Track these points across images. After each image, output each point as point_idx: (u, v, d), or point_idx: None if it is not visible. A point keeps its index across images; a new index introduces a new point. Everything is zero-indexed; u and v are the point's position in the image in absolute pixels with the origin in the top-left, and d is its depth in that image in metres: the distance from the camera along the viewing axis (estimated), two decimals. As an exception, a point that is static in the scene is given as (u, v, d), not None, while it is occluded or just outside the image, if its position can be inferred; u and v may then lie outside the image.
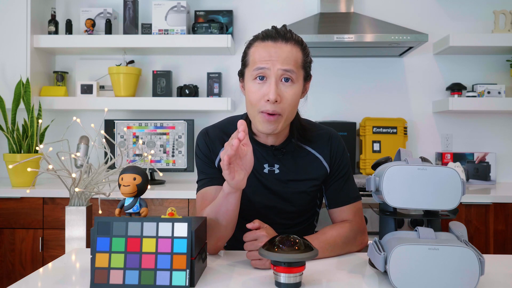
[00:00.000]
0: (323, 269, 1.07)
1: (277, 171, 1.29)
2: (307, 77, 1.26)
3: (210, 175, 1.29)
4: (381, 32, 2.45)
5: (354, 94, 2.88)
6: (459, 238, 0.97)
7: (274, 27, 1.22)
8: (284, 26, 1.24)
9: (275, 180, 1.28)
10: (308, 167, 1.30)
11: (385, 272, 0.91)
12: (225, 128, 1.34)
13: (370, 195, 2.16)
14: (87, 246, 1.23)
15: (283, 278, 0.91)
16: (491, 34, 2.59)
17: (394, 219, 1.11)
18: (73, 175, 1.20)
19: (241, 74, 1.27)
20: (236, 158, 1.03)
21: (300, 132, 1.30)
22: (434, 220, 1.08)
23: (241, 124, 1.00)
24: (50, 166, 1.23)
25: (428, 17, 2.85)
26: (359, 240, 1.27)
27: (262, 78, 1.18)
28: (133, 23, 2.77)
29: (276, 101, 1.15)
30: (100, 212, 1.32)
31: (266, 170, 1.29)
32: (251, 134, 1.29)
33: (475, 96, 2.64)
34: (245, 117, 1.31)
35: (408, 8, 2.85)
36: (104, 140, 1.31)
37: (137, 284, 0.89)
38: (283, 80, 1.17)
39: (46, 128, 2.59)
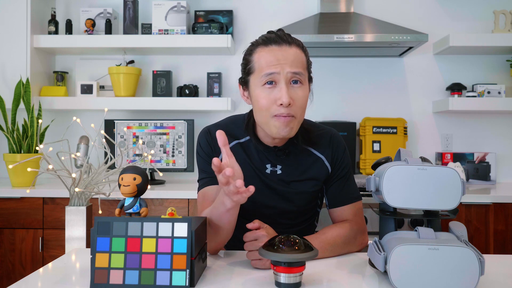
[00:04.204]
0: (323, 269, 1.07)
1: (279, 171, 1.29)
2: (310, 79, 1.26)
3: (211, 174, 1.29)
4: (381, 32, 2.45)
5: (354, 94, 2.88)
6: (459, 238, 0.97)
7: (272, 32, 1.21)
8: (281, 30, 1.23)
9: (277, 180, 1.28)
10: (311, 167, 1.30)
11: (385, 272, 0.91)
12: (227, 127, 1.34)
13: (370, 195, 2.16)
14: (87, 246, 1.23)
15: (283, 278, 0.91)
16: (491, 34, 2.58)
17: (394, 219, 1.11)
18: (73, 175, 1.20)
19: (244, 82, 1.24)
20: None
21: (302, 134, 1.30)
22: (434, 220, 1.08)
23: (220, 134, 0.99)
24: (50, 166, 1.23)
25: (428, 17, 2.85)
26: (359, 240, 1.27)
27: (271, 82, 1.17)
28: (133, 23, 2.77)
29: (289, 104, 1.15)
30: (100, 212, 1.32)
31: (268, 171, 1.29)
32: (254, 136, 1.29)
33: (475, 96, 2.64)
34: (246, 121, 1.30)
35: (408, 8, 2.85)
36: (104, 140, 1.31)
37: (137, 284, 0.89)
38: (292, 82, 1.17)
39: (46, 128, 2.59)
